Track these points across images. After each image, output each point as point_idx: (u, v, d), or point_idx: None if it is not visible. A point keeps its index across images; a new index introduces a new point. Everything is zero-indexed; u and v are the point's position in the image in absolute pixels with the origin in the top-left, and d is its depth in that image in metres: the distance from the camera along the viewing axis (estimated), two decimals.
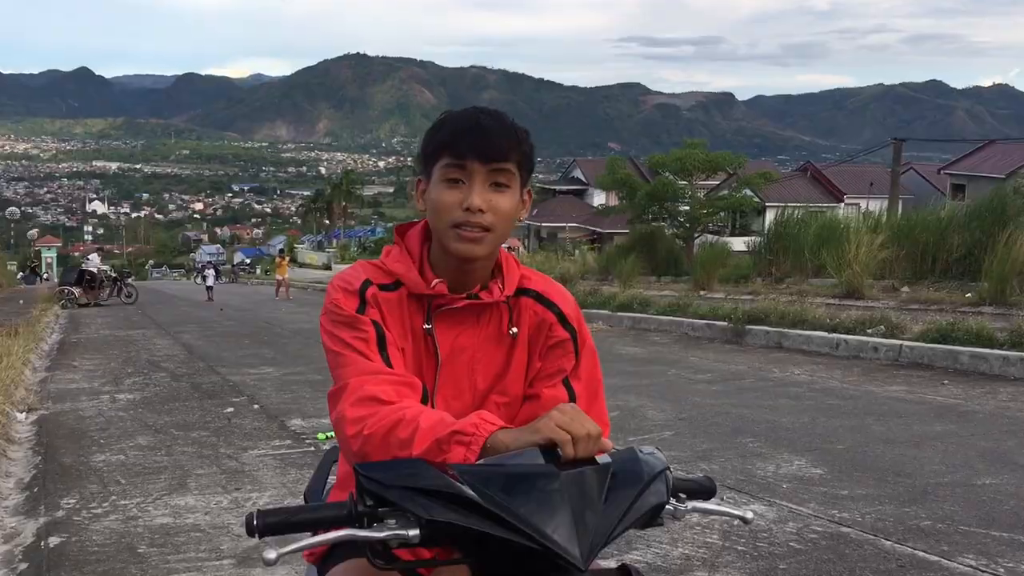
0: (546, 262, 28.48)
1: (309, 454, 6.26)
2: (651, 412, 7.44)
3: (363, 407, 1.63)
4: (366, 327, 1.76)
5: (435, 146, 1.78)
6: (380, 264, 1.87)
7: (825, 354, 10.49)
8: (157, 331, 16.89)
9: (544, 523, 1.30)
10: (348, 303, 1.78)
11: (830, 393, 8.12)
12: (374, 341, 1.75)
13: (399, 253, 1.88)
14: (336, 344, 1.76)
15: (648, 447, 1.49)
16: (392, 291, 1.83)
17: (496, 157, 1.74)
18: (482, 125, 1.75)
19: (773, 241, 19.21)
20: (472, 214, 1.73)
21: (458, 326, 1.85)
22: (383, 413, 1.60)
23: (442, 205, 1.76)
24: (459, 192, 1.75)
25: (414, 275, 1.83)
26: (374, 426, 1.59)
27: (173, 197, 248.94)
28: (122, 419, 7.76)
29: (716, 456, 5.90)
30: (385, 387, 1.66)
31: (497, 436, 1.47)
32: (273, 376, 10.14)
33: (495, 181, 1.75)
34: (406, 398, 1.66)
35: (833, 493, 5.01)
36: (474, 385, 1.86)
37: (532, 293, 1.91)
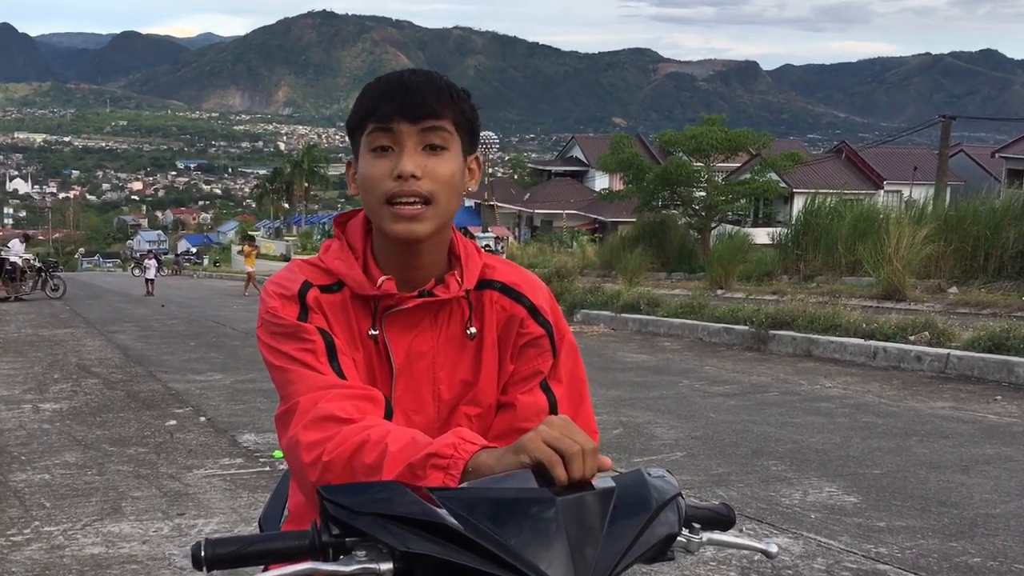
0: (540, 255, 28.56)
1: (264, 475, 6.25)
2: (660, 430, 7.45)
3: (319, 429, 1.60)
4: (311, 336, 1.73)
5: (359, 116, 1.78)
6: (318, 262, 1.84)
7: (860, 364, 10.51)
8: (88, 330, 16.84)
9: (538, 557, 1.29)
10: (287, 311, 1.76)
11: (866, 409, 8.14)
12: (323, 351, 1.72)
13: (339, 248, 1.85)
14: (279, 359, 1.73)
15: (657, 469, 1.48)
16: (335, 293, 1.80)
17: (427, 114, 1.72)
18: (406, 82, 1.75)
19: (802, 233, 19.28)
20: (405, 182, 1.71)
21: (412, 329, 1.82)
22: (344, 434, 1.57)
23: (370, 178, 1.75)
24: (388, 160, 1.73)
25: (357, 273, 1.81)
26: (334, 451, 1.57)
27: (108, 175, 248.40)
28: (47, 432, 7.73)
29: (735, 481, 5.92)
30: (342, 403, 1.64)
31: (479, 457, 1.45)
32: (222, 384, 10.11)
33: (429, 143, 1.73)
34: (368, 414, 1.63)
35: (868, 524, 5.02)
36: (438, 395, 1.84)
37: (497, 285, 1.89)
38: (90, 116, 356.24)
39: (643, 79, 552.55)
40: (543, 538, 1.31)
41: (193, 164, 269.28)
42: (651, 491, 1.42)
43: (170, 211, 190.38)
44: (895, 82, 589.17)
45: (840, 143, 62.16)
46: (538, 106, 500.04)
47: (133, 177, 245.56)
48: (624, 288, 16.99)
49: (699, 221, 31.54)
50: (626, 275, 19.42)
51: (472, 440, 1.49)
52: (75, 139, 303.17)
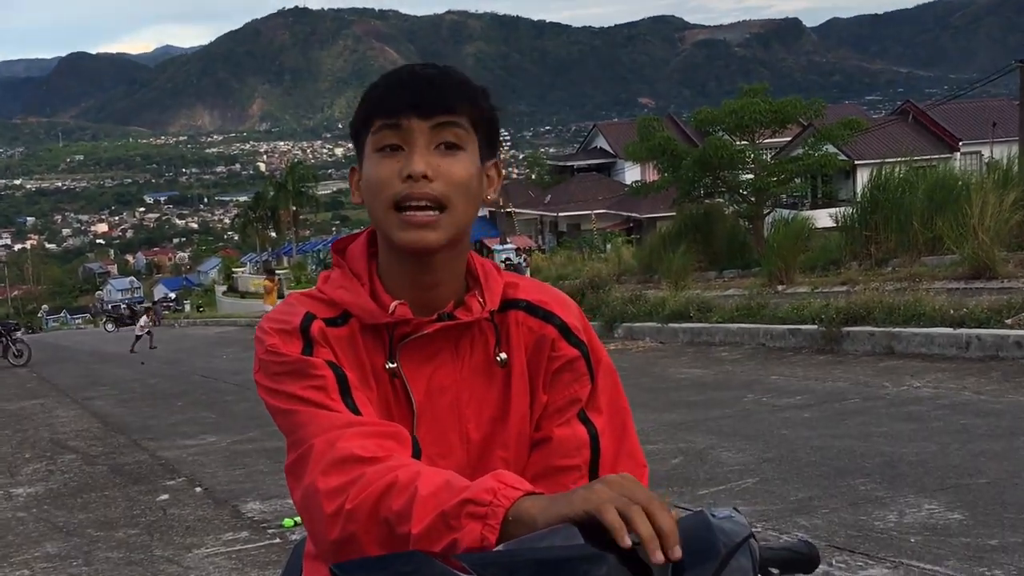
0: (568, 264, 28.57)
1: (274, 548, 6.25)
2: (725, 454, 7.42)
3: (340, 473, 1.59)
4: (320, 371, 1.73)
5: (363, 112, 1.79)
6: (318, 294, 1.85)
7: (952, 357, 10.45)
8: (59, 399, 16.93)
9: None
10: (289, 346, 1.76)
11: (964, 409, 8.08)
12: (334, 387, 1.72)
13: (340, 276, 1.86)
14: (284, 401, 1.73)
15: (723, 509, 1.47)
16: (340, 326, 1.81)
17: (440, 109, 1.73)
18: (418, 73, 1.77)
19: (869, 211, 19.19)
20: (415, 183, 1.71)
21: (433, 360, 1.82)
22: (368, 477, 1.56)
23: (376, 181, 1.75)
24: (396, 161, 1.74)
25: (364, 300, 1.81)
26: (357, 496, 1.56)
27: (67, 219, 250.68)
28: (22, 521, 7.76)
29: (818, 506, 5.88)
30: (363, 441, 1.62)
31: (522, 505, 1.44)
32: (218, 447, 10.14)
33: (443, 142, 1.74)
34: (393, 453, 1.62)
35: (979, 544, 4.98)
36: (465, 436, 1.84)
37: (522, 304, 1.90)
38: (41, 154, 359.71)
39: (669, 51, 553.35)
40: None
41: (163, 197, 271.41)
42: (718, 535, 1.41)
43: (142, 253, 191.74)
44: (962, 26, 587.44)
45: (904, 103, 61.93)
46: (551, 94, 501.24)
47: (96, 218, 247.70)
48: (670, 294, 16.97)
49: (749, 208, 31.49)
50: (671, 278, 19.40)
51: (514, 484, 1.47)
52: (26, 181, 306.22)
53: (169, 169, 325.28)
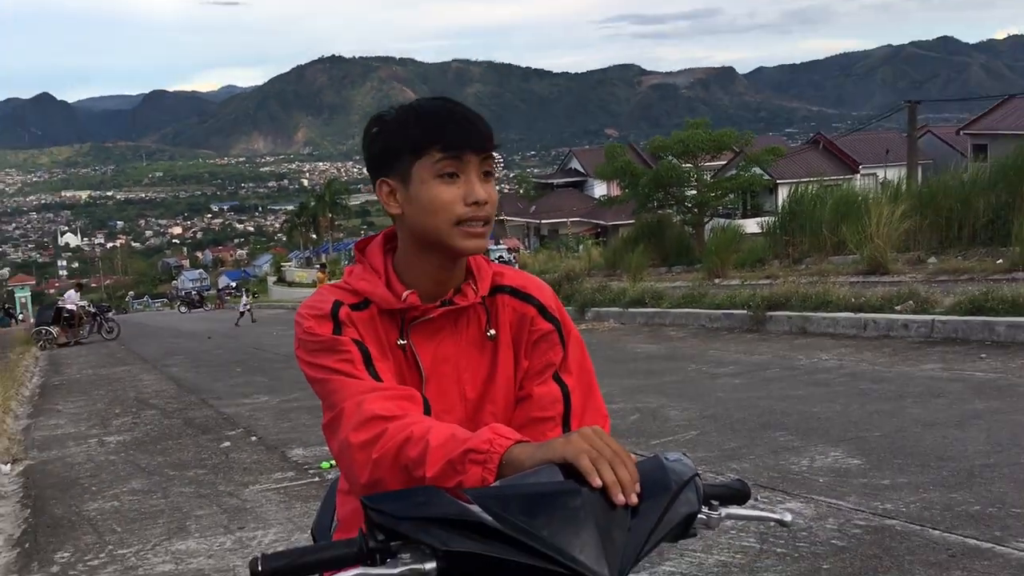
0: (549, 261, 28.50)
1: (314, 485, 6.25)
2: (673, 412, 7.42)
3: (367, 429, 1.61)
4: (347, 347, 1.74)
5: (419, 142, 1.75)
6: (344, 285, 1.86)
7: (853, 336, 10.47)
8: (143, 366, 16.90)
9: (569, 544, 1.28)
10: (322, 328, 1.77)
11: (862, 377, 8.10)
12: (359, 360, 1.73)
13: (362, 271, 1.87)
14: (320, 372, 1.75)
15: (674, 453, 1.47)
16: (363, 310, 1.82)
17: (488, 146, 1.75)
18: (463, 113, 1.76)
19: (788, 220, 19.21)
20: (479, 208, 1.74)
21: (436, 336, 1.84)
22: (390, 432, 1.58)
23: (440, 203, 1.74)
24: (456, 187, 1.73)
25: (382, 291, 1.82)
26: (382, 448, 1.58)
27: (149, 223, 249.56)
28: (113, 463, 7.76)
29: (746, 454, 5.89)
30: (385, 403, 1.64)
31: (513, 452, 1.45)
32: (269, 405, 10.13)
33: (485, 170, 1.76)
34: (409, 411, 1.64)
35: (874, 484, 4.99)
36: (463, 396, 1.85)
37: (508, 289, 1.91)
38: (128, 171, 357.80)
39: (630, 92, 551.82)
40: (573, 527, 1.30)
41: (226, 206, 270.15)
42: (670, 474, 1.41)
43: (209, 250, 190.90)
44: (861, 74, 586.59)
45: (816, 135, 61.90)
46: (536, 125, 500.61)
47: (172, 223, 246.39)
48: (629, 285, 16.97)
49: (692, 217, 31.47)
50: (630, 273, 19.37)
51: (506, 435, 1.48)
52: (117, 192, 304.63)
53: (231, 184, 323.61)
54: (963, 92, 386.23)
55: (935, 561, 3.85)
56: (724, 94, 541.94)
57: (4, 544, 5.61)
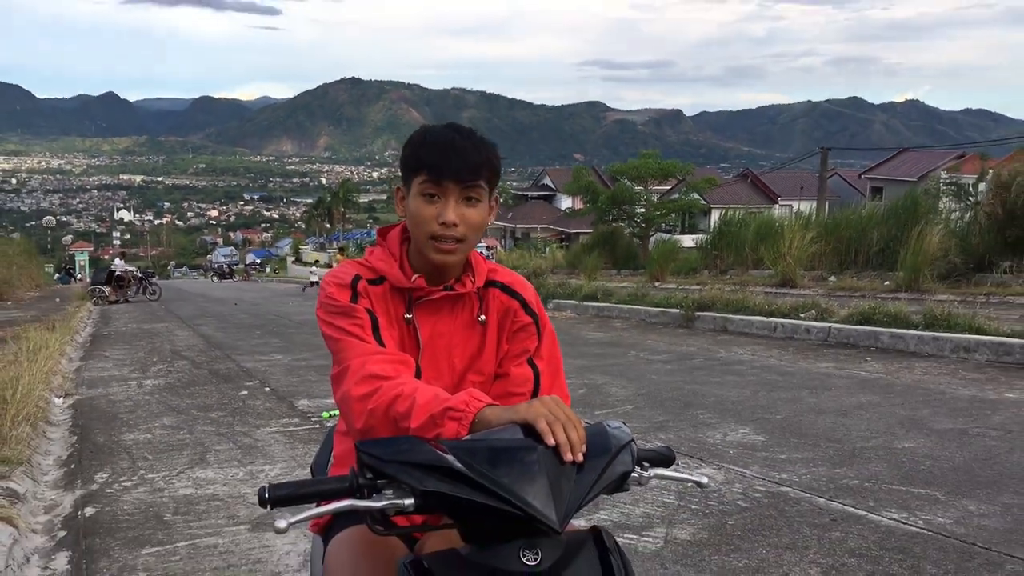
0: (520, 259, 28.43)
1: (315, 430, 6.21)
2: (614, 389, 7.44)
3: (366, 384, 1.62)
4: (360, 314, 1.75)
5: (414, 163, 1.75)
6: (365, 262, 1.87)
7: (764, 336, 10.53)
8: (179, 324, 16.73)
9: (524, 491, 1.28)
10: (342, 295, 1.78)
11: (769, 370, 8.16)
12: (369, 327, 1.74)
13: (381, 252, 1.88)
14: (334, 331, 1.75)
15: (615, 421, 1.47)
16: (378, 285, 1.82)
17: (469, 178, 1.72)
18: (457, 147, 1.72)
19: (718, 238, 19.30)
20: (447, 228, 1.73)
21: (436, 314, 1.84)
22: (385, 389, 1.59)
23: (420, 218, 1.75)
24: (435, 207, 1.73)
25: (396, 271, 1.83)
26: (377, 401, 1.58)
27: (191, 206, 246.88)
28: (148, 402, 7.68)
29: (671, 427, 5.91)
30: (383, 364, 1.65)
31: (484, 412, 1.45)
32: (282, 362, 10.06)
33: (467, 196, 1.74)
34: (402, 374, 1.65)
35: (773, 457, 5.03)
36: (452, 366, 1.85)
37: (499, 284, 1.91)
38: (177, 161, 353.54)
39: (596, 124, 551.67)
40: (529, 476, 1.30)
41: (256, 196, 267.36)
42: (611, 438, 1.41)
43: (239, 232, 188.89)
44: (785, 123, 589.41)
45: (745, 170, 62.28)
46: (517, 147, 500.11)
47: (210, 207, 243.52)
48: (585, 283, 16.99)
49: (640, 231, 31.57)
50: (586, 273, 19.39)
51: (480, 398, 1.49)
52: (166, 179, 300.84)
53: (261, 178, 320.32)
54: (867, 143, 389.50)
55: (819, 524, 3.89)
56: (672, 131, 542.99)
57: (54, 464, 5.54)
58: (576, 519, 1.38)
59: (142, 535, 4.05)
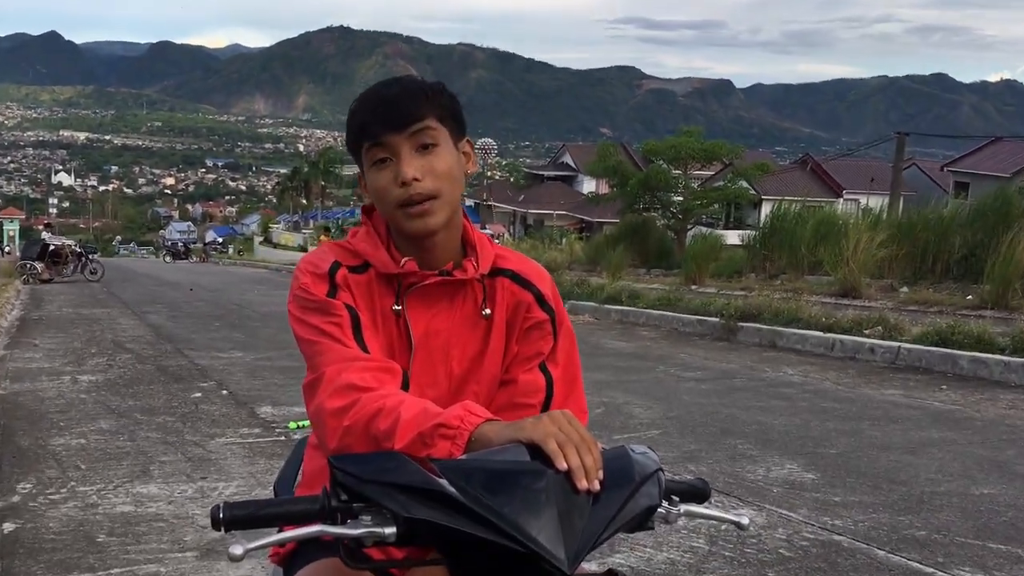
0: (532, 250, 28.43)
1: (279, 443, 6.22)
2: (638, 410, 7.44)
3: (342, 396, 1.60)
4: (339, 311, 1.73)
5: (353, 136, 1.80)
6: (347, 245, 1.86)
7: (820, 354, 10.51)
8: (123, 310, 16.79)
9: (528, 524, 1.28)
10: (318, 287, 1.76)
11: (824, 395, 8.14)
12: (348, 326, 1.72)
13: (366, 233, 1.87)
14: (308, 332, 1.74)
15: (640, 446, 1.46)
16: (361, 273, 1.81)
17: (409, 120, 1.73)
18: (383, 96, 1.76)
19: (768, 235, 19.23)
20: (409, 187, 1.72)
21: (432, 307, 1.82)
22: (363, 402, 1.57)
23: (378, 190, 1.76)
24: (389, 171, 1.74)
25: (382, 254, 1.81)
26: (354, 416, 1.57)
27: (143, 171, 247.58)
28: (84, 401, 7.70)
29: (704, 457, 5.91)
30: (363, 374, 1.63)
31: (483, 429, 1.44)
32: (243, 361, 10.08)
33: (420, 144, 1.74)
34: (386, 384, 1.63)
35: (825, 499, 5.02)
36: (450, 371, 1.83)
37: (508, 273, 1.89)
38: (128, 117, 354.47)
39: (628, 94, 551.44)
40: (534, 507, 1.29)
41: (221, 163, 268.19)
42: (634, 465, 1.40)
43: (199, 204, 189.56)
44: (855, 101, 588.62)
45: (804, 155, 62.23)
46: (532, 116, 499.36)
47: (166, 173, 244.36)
48: (607, 282, 16.98)
49: (676, 223, 31.58)
50: (609, 270, 19.36)
51: (477, 413, 1.47)
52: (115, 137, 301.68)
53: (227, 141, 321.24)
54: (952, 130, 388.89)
55: None
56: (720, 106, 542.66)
57: None
58: (588, 561, 1.37)
59: (70, 559, 4.06)
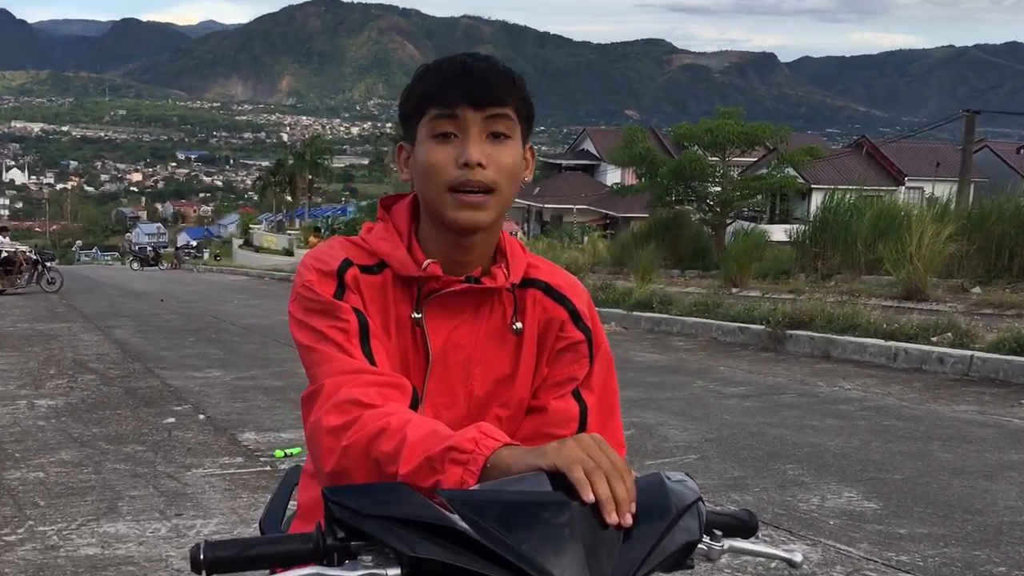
0: (549, 250, 28.44)
1: (264, 475, 6.23)
2: (673, 432, 7.43)
3: (342, 412, 1.59)
4: (346, 315, 1.72)
5: (418, 99, 1.76)
6: (360, 242, 1.84)
7: (881, 365, 10.48)
8: (85, 325, 16.86)
9: (550, 563, 1.27)
10: (324, 286, 1.75)
11: (886, 412, 8.11)
12: (355, 333, 1.71)
13: (384, 229, 1.85)
14: (309, 337, 1.73)
15: (677, 473, 1.46)
16: (375, 274, 1.79)
17: (492, 101, 1.71)
18: (471, 67, 1.74)
19: (819, 230, 19.21)
20: (471, 170, 1.70)
21: (454, 318, 1.81)
22: (364, 420, 1.56)
23: (432, 165, 1.73)
24: (451, 148, 1.72)
25: (402, 254, 1.80)
26: (353, 436, 1.56)
27: (106, 166, 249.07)
28: (42, 429, 7.73)
29: (751, 485, 5.89)
30: (367, 389, 1.62)
31: (500, 454, 1.42)
32: (222, 381, 10.11)
33: (493, 131, 1.73)
34: (392, 401, 1.62)
35: (889, 531, 5.00)
36: (470, 391, 1.83)
37: (541, 285, 1.88)
38: (89, 105, 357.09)
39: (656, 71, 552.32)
40: (556, 543, 1.28)
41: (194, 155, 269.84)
42: (671, 496, 1.39)
43: (170, 203, 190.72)
44: (917, 75, 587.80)
45: (860, 138, 62.06)
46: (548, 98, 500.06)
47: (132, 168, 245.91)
48: (636, 285, 16.97)
49: (714, 217, 31.48)
50: (638, 272, 19.36)
51: (494, 436, 1.46)
52: (73, 128, 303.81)
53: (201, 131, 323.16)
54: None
55: None
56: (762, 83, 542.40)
57: None
58: None
59: None
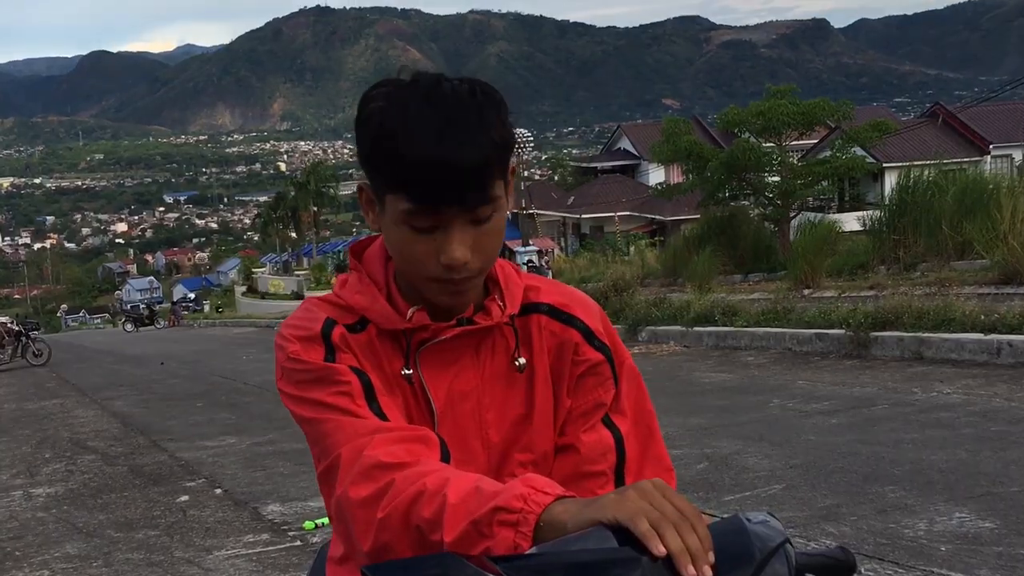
0: (592, 266, 28.51)
1: (295, 550, 6.25)
2: (751, 460, 7.39)
3: (369, 481, 1.59)
4: (344, 377, 1.72)
5: (388, 174, 1.67)
6: (335, 299, 1.84)
7: (983, 363, 10.39)
8: (79, 399, 16.99)
9: None
10: (311, 353, 1.75)
11: (995, 416, 8.03)
12: (359, 393, 1.71)
13: (357, 281, 1.84)
14: (310, 410, 1.72)
15: (758, 513, 1.46)
16: (359, 332, 1.79)
17: (479, 200, 1.66)
18: (449, 160, 1.61)
19: (897, 215, 19.11)
20: (454, 270, 1.68)
21: (453, 365, 1.82)
22: (398, 485, 1.56)
23: (410, 256, 1.71)
24: (432, 241, 1.68)
25: (382, 305, 1.79)
26: (388, 505, 1.55)
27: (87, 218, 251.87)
28: (42, 521, 7.79)
29: (846, 513, 5.85)
30: (391, 447, 1.62)
31: (553, 510, 1.42)
32: (237, 448, 10.16)
33: (476, 218, 1.68)
34: (422, 458, 1.62)
35: (1012, 553, 4.95)
36: (487, 440, 1.83)
37: (544, 307, 1.89)
38: (61, 152, 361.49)
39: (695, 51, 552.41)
40: None
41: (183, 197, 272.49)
42: (753, 540, 1.40)
43: (161, 253, 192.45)
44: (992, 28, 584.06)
45: (934, 105, 61.63)
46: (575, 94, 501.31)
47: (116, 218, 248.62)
48: (694, 297, 16.92)
49: (775, 211, 31.33)
50: (695, 282, 19.34)
51: (544, 489, 1.46)
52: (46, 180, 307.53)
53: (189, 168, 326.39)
54: None
55: None
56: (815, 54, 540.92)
57: None
58: None
59: None
